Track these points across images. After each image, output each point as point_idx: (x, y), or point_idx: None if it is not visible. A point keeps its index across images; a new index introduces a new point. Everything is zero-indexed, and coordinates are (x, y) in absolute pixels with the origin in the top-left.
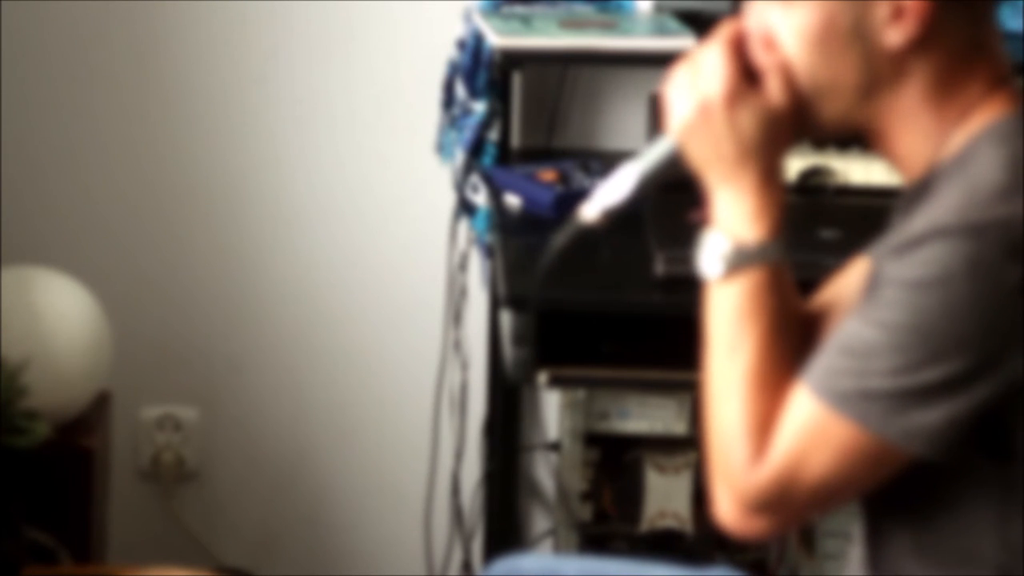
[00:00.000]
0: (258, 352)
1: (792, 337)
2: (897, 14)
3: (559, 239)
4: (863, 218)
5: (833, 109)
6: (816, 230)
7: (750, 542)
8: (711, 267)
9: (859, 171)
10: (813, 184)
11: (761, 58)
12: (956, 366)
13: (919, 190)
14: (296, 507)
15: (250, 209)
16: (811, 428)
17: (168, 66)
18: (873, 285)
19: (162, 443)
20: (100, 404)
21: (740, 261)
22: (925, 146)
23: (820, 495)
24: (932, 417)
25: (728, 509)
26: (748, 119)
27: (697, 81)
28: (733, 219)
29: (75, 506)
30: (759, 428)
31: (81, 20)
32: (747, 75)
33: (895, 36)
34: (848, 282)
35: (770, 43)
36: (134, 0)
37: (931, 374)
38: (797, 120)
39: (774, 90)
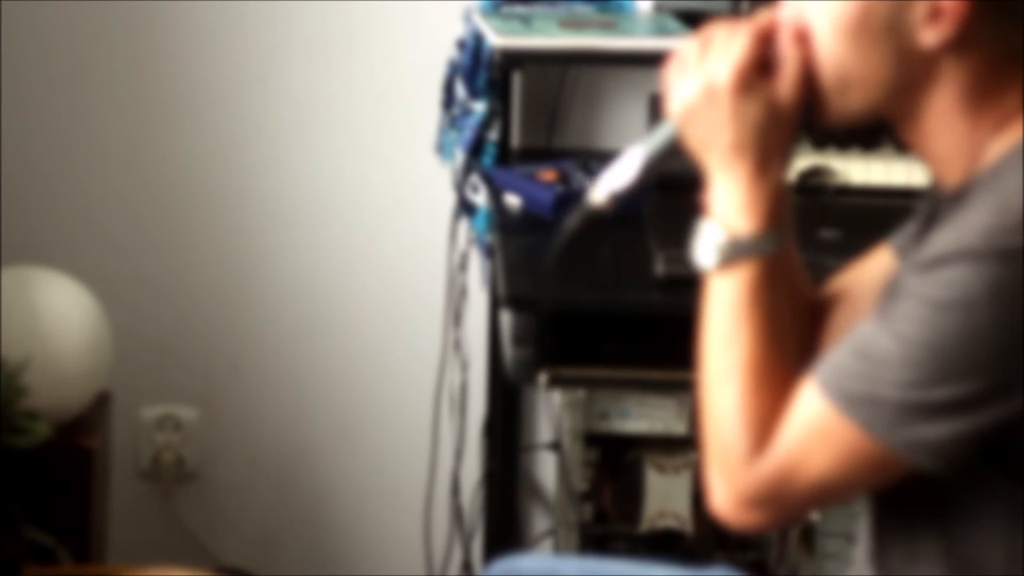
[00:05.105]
0: (258, 352)
1: (793, 332)
2: (934, 14)
3: (569, 222)
4: (863, 218)
5: (859, 102)
6: (816, 230)
7: (750, 541)
8: (705, 257)
9: (859, 171)
10: (813, 184)
11: (786, 49)
12: (967, 387)
13: (954, 199)
14: (296, 507)
15: (250, 209)
16: (815, 426)
17: (168, 66)
18: (894, 291)
19: (162, 443)
20: (100, 404)
21: (733, 252)
22: (961, 153)
23: (817, 494)
24: (937, 432)
25: (723, 500)
26: (752, 110)
27: (708, 62)
28: (726, 209)
29: (75, 506)
30: (758, 422)
31: (81, 20)
32: (761, 65)
33: (930, 36)
34: (867, 273)
35: (802, 36)
36: (134, 0)
37: (941, 392)
38: (802, 118)
39: (786, 84)
